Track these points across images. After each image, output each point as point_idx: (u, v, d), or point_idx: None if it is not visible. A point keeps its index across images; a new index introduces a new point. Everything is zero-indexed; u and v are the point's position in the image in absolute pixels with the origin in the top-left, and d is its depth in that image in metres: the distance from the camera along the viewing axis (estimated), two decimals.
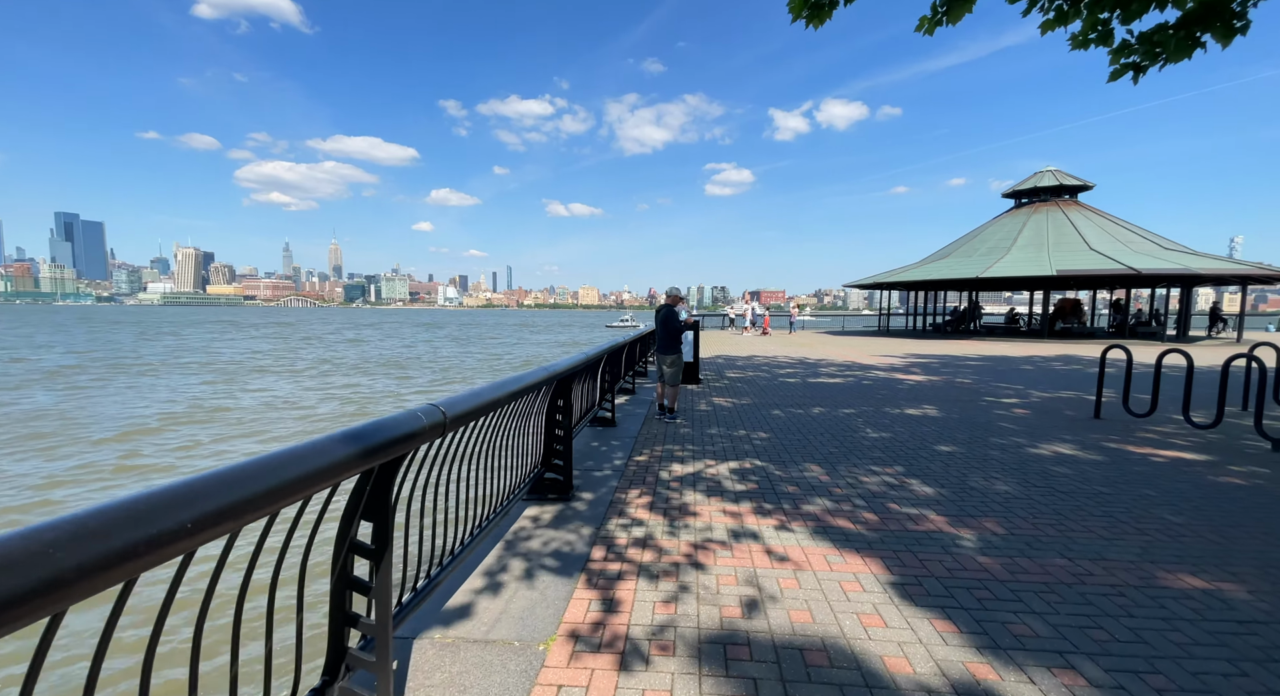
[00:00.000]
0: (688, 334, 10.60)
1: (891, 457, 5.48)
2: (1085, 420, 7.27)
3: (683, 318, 7.71)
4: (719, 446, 5.94)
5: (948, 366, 14.00)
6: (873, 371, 12.95)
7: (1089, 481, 4.68)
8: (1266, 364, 6.18)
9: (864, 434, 6.51)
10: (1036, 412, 7.81)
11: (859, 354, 17.69)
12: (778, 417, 7.47)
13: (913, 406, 8.32)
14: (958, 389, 10.13)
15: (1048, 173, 27.63)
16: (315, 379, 21.93)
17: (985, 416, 7.55)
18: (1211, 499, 4.21)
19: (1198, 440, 6.09)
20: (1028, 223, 26.01)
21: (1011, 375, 12.12)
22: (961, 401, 8.76)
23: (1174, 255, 22.40)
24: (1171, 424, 6.88)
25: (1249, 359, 6.36)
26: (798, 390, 9.95)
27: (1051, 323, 25.16)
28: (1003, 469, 5.07)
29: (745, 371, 12.91)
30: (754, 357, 16.25)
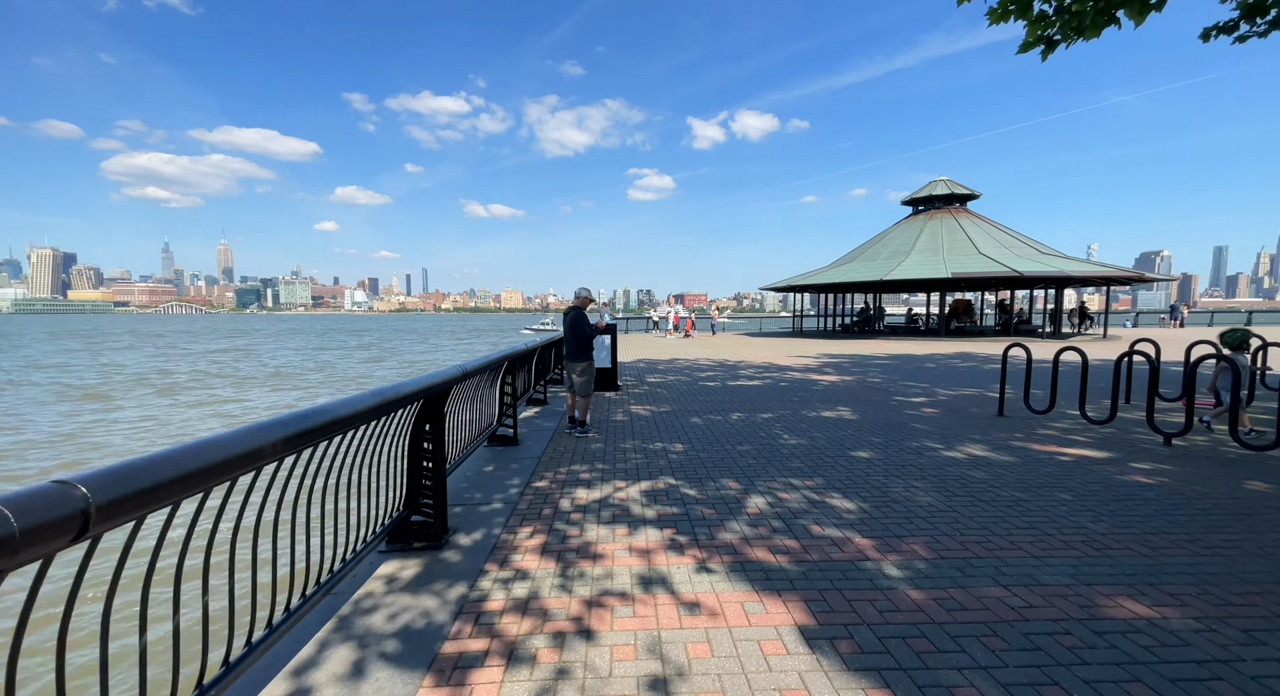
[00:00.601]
0: (603, 338, 9.97)
1: (811, 467, 5.13)
2: (990, 418, 7.39)
3: (595, 321, 7.09)
4: (632, 463, 5.34)
5: (858, 366, 14.35)
6: (789, 372, 12.97)
7: (1006, 486, 4.53)
8: (1148, 359, 6.49)
9: (782, 441, 6.17)
10: (945, 412, 7.90)
11: (776, 355, 17.90)
12: (696, 426, 7.00)
13: (828, 409, 8.18)
14: (869, 389, 10.22)
15: (940, 182, 29.76)
16: None
17: (898, 417, 7.50)
18: (1124, 502, 4.14)
19: (1095, 436, 6.27)
20: (924, 228, 27.83)
21: (917, 373, 12.53)
22: (874, 402, 8.76)
23: (1049, 259, 24.76)
24: (1068, 419, 7.12)
25: (1129, 356, 6.68)
26: (718, 394, 9.61)
27: (947, 322, 27.04)
28: (922, 476, 4.85)
29: (666, 376, 12.50)
30: (676, 361, 15.93)
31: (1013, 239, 26.71)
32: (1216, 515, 3.83)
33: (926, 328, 29.92)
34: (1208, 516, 3.82)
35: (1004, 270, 22.31)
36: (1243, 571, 3.01)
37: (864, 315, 31.18)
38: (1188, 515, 3.84)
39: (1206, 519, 3.77)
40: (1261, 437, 5.80)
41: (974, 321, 28.44)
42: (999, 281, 26.33)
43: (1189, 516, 3.82)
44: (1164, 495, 4.25)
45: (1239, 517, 3.78)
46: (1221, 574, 2.99)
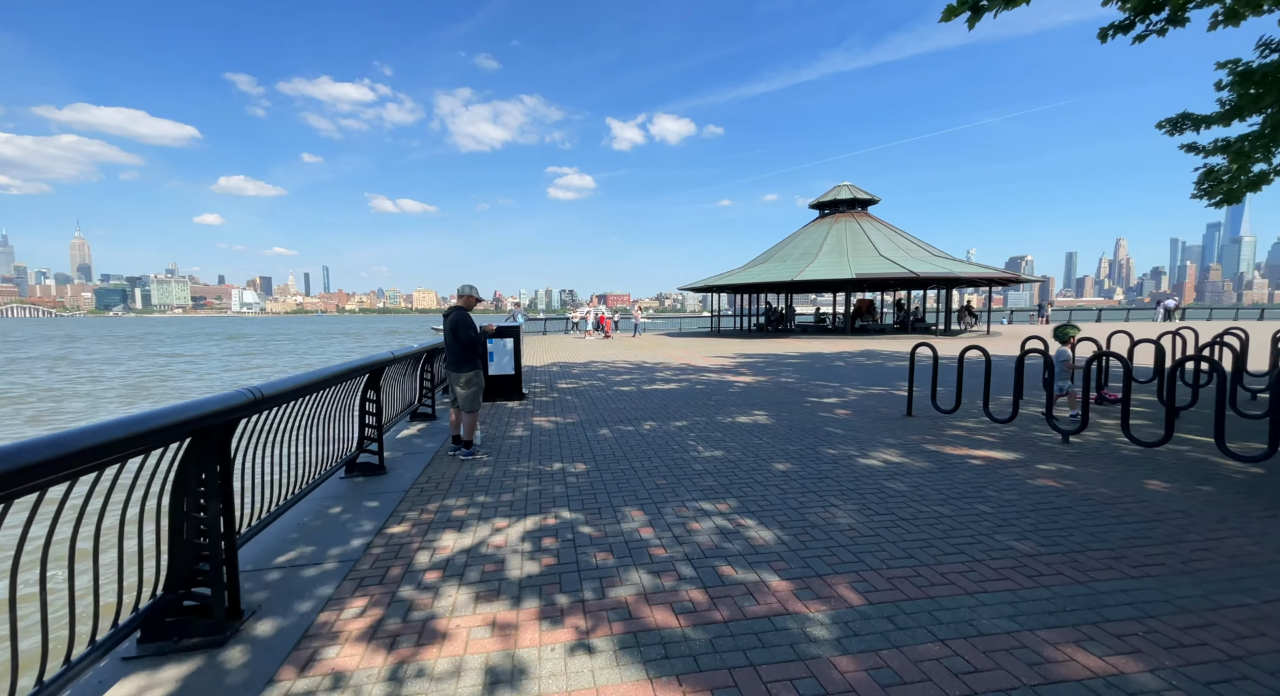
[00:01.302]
0: (505, 342, 9.03)
1: (725, 486, 4.59)
2: (900, 418, 7.30)
3: (508, 322, 6.18)
4: (522, 492, 4.53)
5: (772, 365, 14.34)
6: (706, 374, 12.64)
7: (926, 499, 4.21)
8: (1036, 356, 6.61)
9: (696, 454, 5.62)
10: (856, 413, 7.76)
11: (694, 355, 17.66)
12: (604, 440, 6.30)
13: (744, 413, 7.79)
14: (784, 390, 10.04)
15: (844, 187, 31.22)
16: None
17: (812, 420, 7.24)
18: (1042, 512, 3.92)
19: (1000, 435, 6.26)
20: (830, 231, 29.02)
21: (827, 372, 12.64)
22: (789, 405, 8.51)
23: (941, 260, 26.61)
24: (973, 418, 7.16)
25: (1022, 355, 6.79)
26: (631, 401, 8.98)
27: (852, 321, 28.36)
28: (840, 491, 4.45)
29: (580, 380, 11.72)
30: (592, 364, 15.19)
31: (909, 242, 28.47)
32: (1131, 523, 3.68)
33: (834, 326, 31.28)
34: (1123, 526, 3.65)
35: (902, 271, 23.60)
36: (1177, 597, 2.74)
37: (776, 315, 32.07)
38: (1104, 525, 3.65)
39: (1123, 529, 3.59)
40: (1071, 422, 6.05)
41: (876, 320, 30.06)
42: (897, 282, 27.97)
43: (1106, 527, 3.63)
44: (1077, 502, 4.10)
45: (1152, 525, 3.64)
46: (1157, 601, 2.71)
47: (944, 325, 27.82)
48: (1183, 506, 3.94)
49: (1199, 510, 3.87)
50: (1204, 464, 4.96)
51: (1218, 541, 3.35)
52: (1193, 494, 4.20)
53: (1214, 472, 4.69)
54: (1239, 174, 8.25)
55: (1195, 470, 4.78)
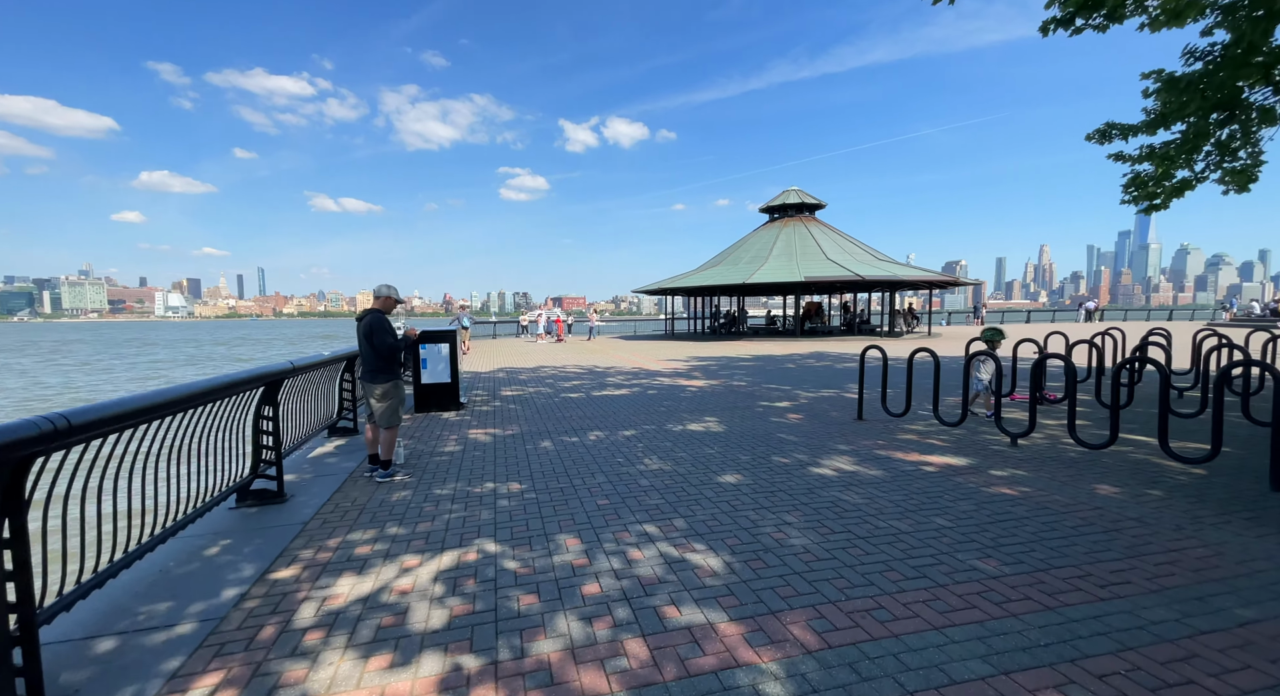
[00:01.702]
0: (440, 348, 8.38)
1: (672, 503, 4.21)
2: (851, 422, 7.15)
3: (452, 325, 5.57)
4: (443, 521, 3.99)
5: (725, 368, 14.17)
6: (658, 378, 12.30)
7: (883, 513, 3.96)
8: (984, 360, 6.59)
9: (643, 467, 5.22)
10: (808, 417, 7.57)
11: (647, 359, 17.32)
12: (545, 454, 5.81)
13: (695, 420, 7.46)
14: (735, 394, 9.81)
15: (792, 192, 31.74)
16: None
17: (764, 426, 6.98)
18: (1001, 524, 3.73)
19: (950, 439, 6.16)
20: (780, 235, 29.40)
21: (778, 375, 12.54)
22: (740, 409, 8.26)
23: (884, 264, 27.39)
24: (922, 421, 7.08)
25: (970, 358, 6.77)
26: (579, 408, 8.51)
27: (801, 323, 28.81)
28: (794, 505, 4.14)
29: (526, 387, 11.13)
30: (541, 369, 14.59)
31: (854, 246, 29.20)
32: (1090, 534, 3.52)
33: (784, 328, 31.72)
34: (1082, 536, 3.49)
35: (849, 274, 24.10)
36: (1152, 623, 2.54)
37: (729, 317, 32.23)
38: (1064, 537, 3.48)
39: (1083, 541, 3.42)
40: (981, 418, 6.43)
41: (824, 322, 30.67)
42: (844, 285, 28.60)
43: (1066, 540, 3.45)
44: (1033, 512, 3.94)
45: (1111, 536, 3.49)
46: (1132, 628, 2.49)
47: (888, 326, 28.65)
48: (1136, 513, 3.84)
49: (1153, 517, 3.77)
50: (1148, 466, 4.96)
51: (1179, 553, 3.21)
52: (1143, 499, 4.12)
53: (1159, 475, 4.67)
54: (1163, 180, 8.61)
55: (1141, 473, 4.76)
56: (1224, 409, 4.35)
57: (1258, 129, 8.08)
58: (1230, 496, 4.11)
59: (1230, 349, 8.01)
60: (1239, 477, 4.53)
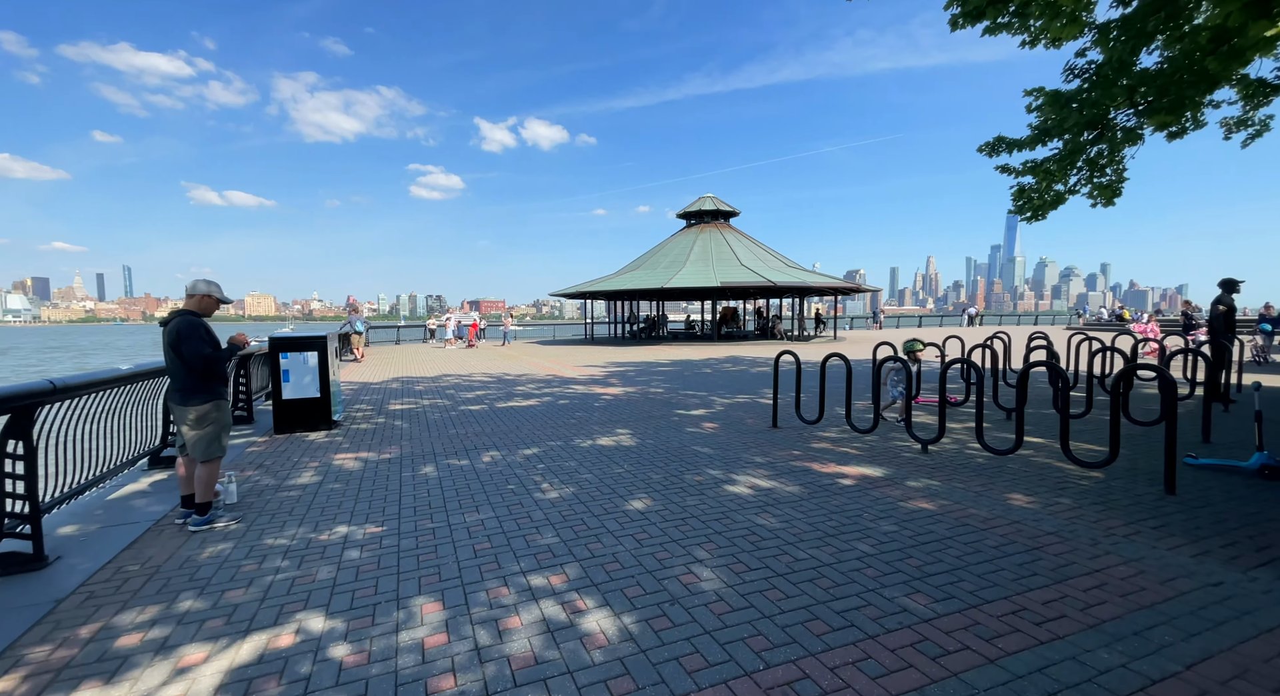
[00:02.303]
0: (306, 358, 7.18)
1: (568, 543, 3.55)
2: (766, 430, 6.86)
3: (343, 329, 4.53)
4: (260, 588, 3.07)
5: (643, 374, 13.72)
6: (572, 386, 11.58)
7: (803, 541, 3.54)
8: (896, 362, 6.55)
9: (540, 495, 4.52)
10: (724, 426, 7.20)
11: (563, 365, 16.52)
12: (424, 483, 4.93)
13: (607, 433, 6.85)
14: (651, 401, 9.32)
15: (708, 198, 32.23)
16: None
17: (679, 438, 6.51)
18: (924, 546, 3.41)
19: (864, 447, 5.98)
20: (697, 241, 29.69)
21: (696, 380, 12.26)
22: (655, 419, 7.76)
23: (794, 271, 28.39)
24: (836, 427, 6.92)
25: (880, 363, 6.70)
26: (478, 423, 7.61)
27: (718, 328, 29.21)
28: (707, 535, 3.63)
29: (421, 399, 9.99)
30: (443, 378, 13.37)
31: (767, 253, 30.07)
32: (1014, 555, 3.28)
33: (702, 333, 32.07)
34: (1007, 559, 3.23)
35: (762, 280, 24.66)
36: (1098, 670, 2.22)
37: (649, 322, 32.09)
38: (991, 562, 3.21)
39: (1008, 565, 3.16)
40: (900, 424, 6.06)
41: (739, 327, 31.33)
42: (757, 290, 29.35)
43: (993, 565, 3.18)
44: (954, 530, 3.68)
45: (1034, 555, 3.27)
46: (1081, 682, 2.16)
47: (798, 331, 29.72)
48: (1052, 527, 3.68)
49: (1069, 531, 3.62)
50: (1050, 470, 4.97)
51: (1103, 573, 3.02)
52: (1055, 509, 4.01)
53: (1063, 481, 4.66)
54: (1044, 193, 9.19)
55: (1046, 479, 4.73)
56: (1118, 412, 4.39)
57: (1121, 148, 8.81)
58: (1132, 502, 4.10)
59: (1109, 352, 8.61)
60: (1134, 481, 4.59)
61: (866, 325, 45.14)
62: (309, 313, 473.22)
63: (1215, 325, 8.18)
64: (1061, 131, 8.13)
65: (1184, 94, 7.42)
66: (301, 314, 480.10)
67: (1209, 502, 4.04)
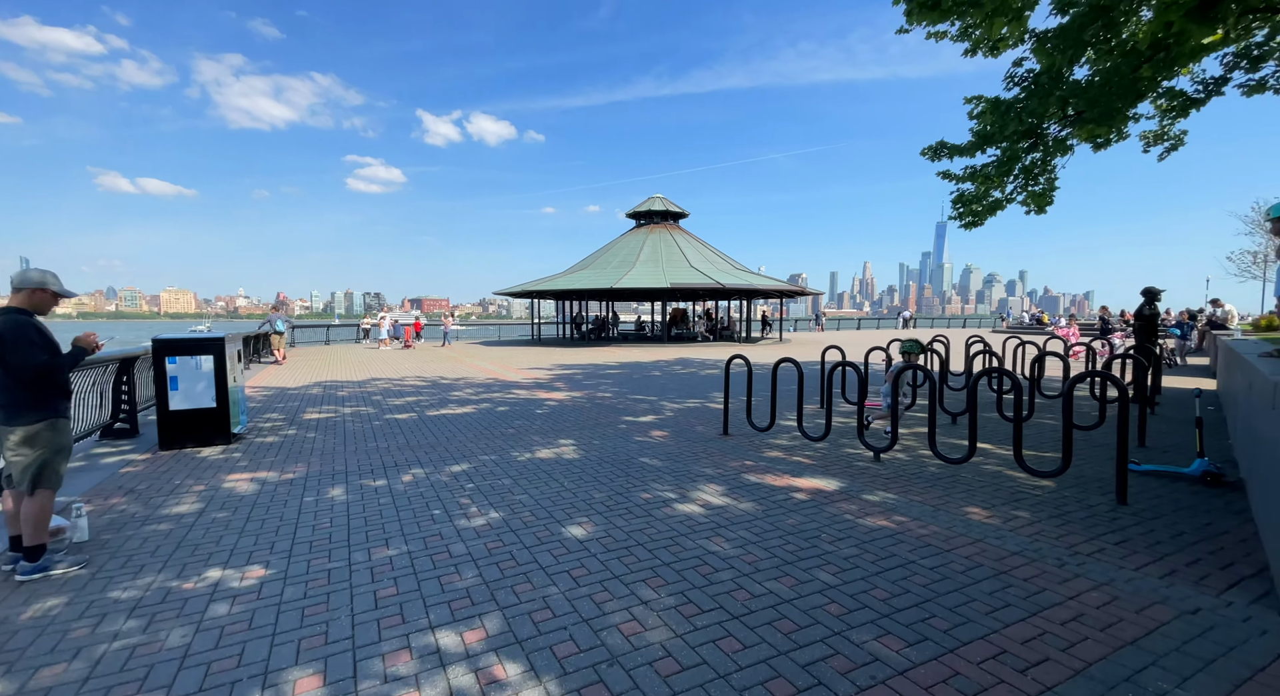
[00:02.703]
0: (197, 363, 6.28)
1: (491, 585, 3.04)
2: (717, 439, 6.54)
3: (262, 328, 3.73)
4: (85, 665, 2.39)
5: (591, 377, 13.21)
6: (514, 391, 10.94)
7: (759, 572, 3.17)
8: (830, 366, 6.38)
9: (464, 522, 3.96)
10: (674, 433, 6.83)
11: (507, 367, 15.76)
12: (327, 510, 4.26)
13: (548, 444, 6.33)
14: (599, 407, 8.85)
15: (657, 199, 32.04)
16: None
17: (626, 449, 6.08)
18: (888, 573, 3.12)
19: (816, 456, 5.74)
20: (647, 241, 29.43)
21: (645, 384, 11.88)
22: (601, 426, 7.30)
23: (742, 273, 28.61)
24: (787, 434, 6.68)
25: (831, 368, 6.53)
26: (404, 434, 6.89)
27: (668, 329, 29.06)
28: (653, 568, 3.21)
29: (343, 407, 9.10)
30: (372, 383, 12.37)
31: (715, 255, 30.18)
32: (982, 581, 3.03)
33: (652, 334, 31.86)
34: (976, 586, 2.98)
35: (711, 282, 24.65)
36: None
37: (599, 322, 31.56)
38: (961, 592, 2.94)
39: (979, 594, 2.91)
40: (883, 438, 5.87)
41: (689, 328, 31.32)
42: (707, 292, 29.42)
43: (963, 594, 2.91)
44: (918, 551, 3.42)
45: (1003, 580, 3.03)
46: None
47: (746, 333, 30.00)
48: (1016, 546, 3.49)
49: (1032, 550, 3.43)
50: (1002, 480, 4.86)
51: (1077, 602, 2.80)
52: (1015, 524, 3.84)
53: (1017, 492, 4.54)
54: (982, 199, 9.39)
55: (1000, 490, 4.60)
56: (1070, 420, 4.31)
57: (1054, 156, 9.11)
58: (1088, 514, 3.99)
59: (1045, 357, 8.83)
60: (1085, 490, 4.53)
61: (809, 327, 46.33)
62: (233, 309, 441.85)
63: (1140, 331, 8.55)
64: (1001, 138, 8.30)
65: (1113, 105, 7.69)
66: (225, 311, 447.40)
67: (1161, 513, 3.99)
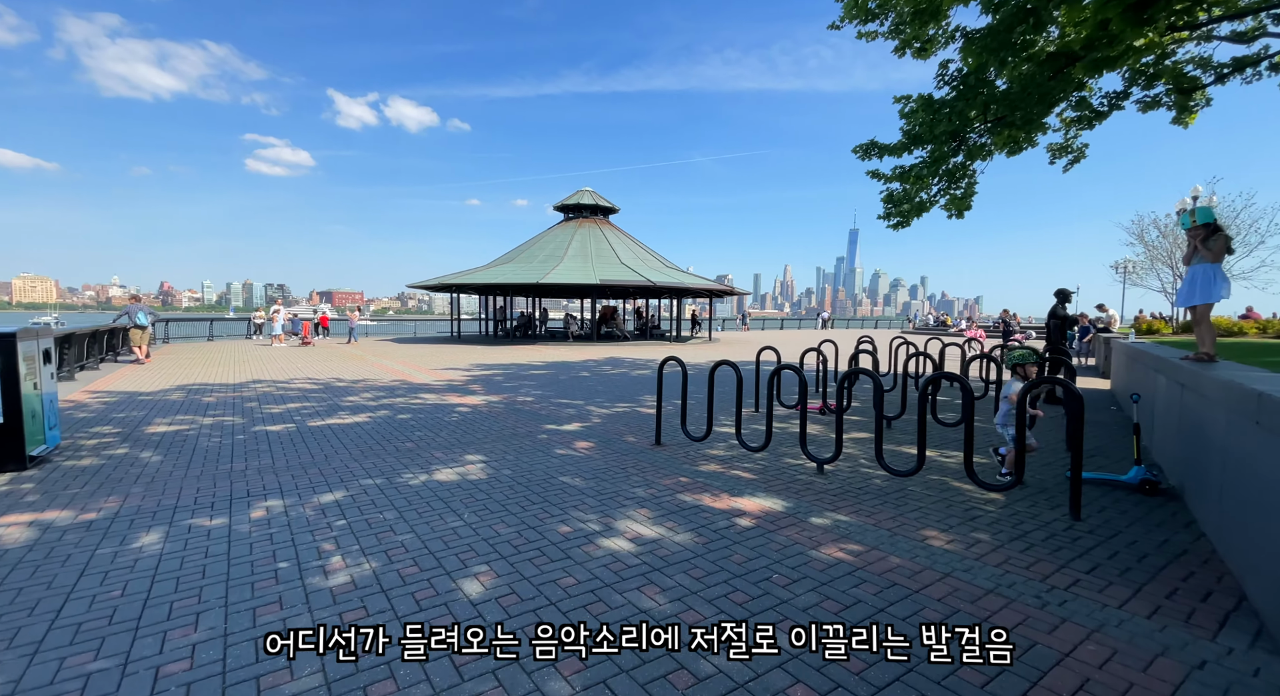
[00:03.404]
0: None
1: (330, 686, 2.16)
2: (649, 450, 5.89)
3: (119, 321, 2.57)
4: None
5: (512, 378, 12.20)
6: (422, 395, 9.75)
7: (702, 636, 2.51)
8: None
9: (315, 582, 3.01)
10: (600, 444, 6.11)
11: (418, 367, 14.35)
12: (128, 567, 3.14)
13: (452, 461, 5.39)
14: (518, 414, 7.95)
15: (586, 192, 31.08)
16: None
17: (545, 465, 5.27)
18: (859, 635, 2.55)
19: (757, 469, 5.22)
20: (575, 235, 28.45)
21: (573, 386, 11.07)
22: (519, 438, 6.43)
23: (673, 272, 28.34)
24: (724, 444, 6.14)
25: (767, 370, 6.06)
26: (271, 451, 5.67)
27: (598, 327, 28.25)
28: (568, 642, 2.46)
29: (203, 415, 7.58)
30: (251, 386, 10.66)
31: (646, 252, 29.75)
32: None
33: (581, 332, 30.96)
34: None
35: (642, 279, 24.13)
36: None
37: (524, 319, 30.19)
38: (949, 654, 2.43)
39: (974, 661, 2.41)
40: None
41: (619, 327, 30.70)
42: (637, 290, 28.92)
43: (954, 658, 2.40)
44: (886, 595, 2.89)
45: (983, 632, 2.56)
46: None
47: (676, 332, 29.81)
48: (988, 581, 3.06)
49: (1006, 586, 3.01)
50: (950, 494, 4.53)
51: (1076, 661, 2.36)
52: (978, 550, 3.45)
53: (970, 508, 4.20)
54: (910, 199, 9.41)
55: (952, 506, 4.25)
56: (1024, 431, 4.02)
57: (974, 160, 9.28)
58: (1047, 535, 3.68)
59: (985, 361, 8.94)
60: (1035, 504, 4.27)
61: (737, 327, 47.22)
62: (106, 300, 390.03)
63: (1053, 333, 8.84)
64: (930, 138, 8.29)
65: (1033, 110, 7.83)
66: (96, 302, 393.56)
67: (1117, 530, 3.76)
